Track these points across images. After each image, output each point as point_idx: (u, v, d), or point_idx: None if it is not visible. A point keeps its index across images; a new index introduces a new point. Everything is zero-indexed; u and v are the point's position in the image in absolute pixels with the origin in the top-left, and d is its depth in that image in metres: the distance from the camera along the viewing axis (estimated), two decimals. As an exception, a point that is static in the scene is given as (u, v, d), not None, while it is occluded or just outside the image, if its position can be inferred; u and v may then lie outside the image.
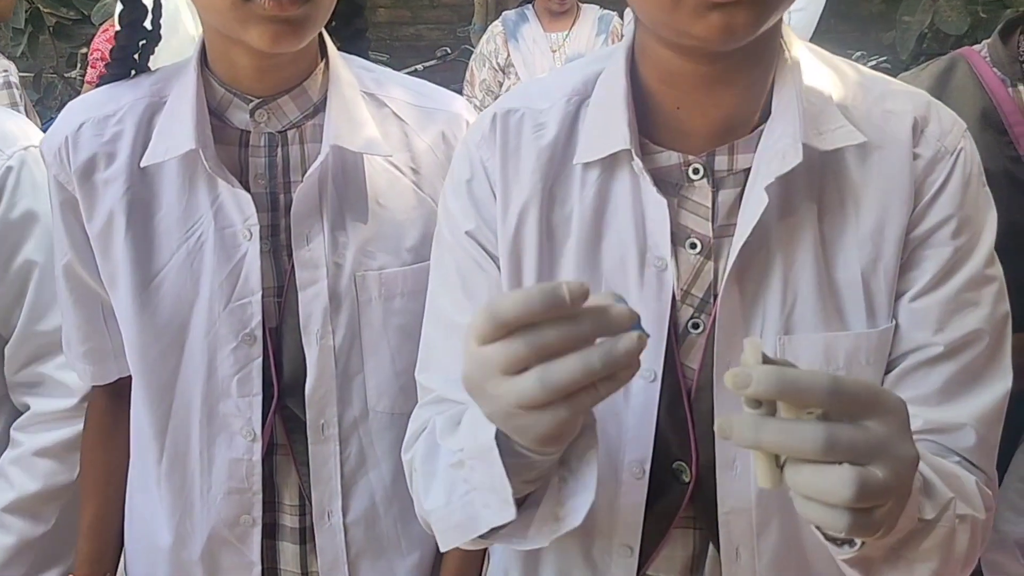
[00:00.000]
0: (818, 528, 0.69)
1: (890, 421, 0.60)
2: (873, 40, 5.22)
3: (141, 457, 1.08)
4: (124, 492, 1.14)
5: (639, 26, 0.81)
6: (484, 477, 0.72)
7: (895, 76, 1.01)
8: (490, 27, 3.46)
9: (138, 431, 1.08)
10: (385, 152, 1.01)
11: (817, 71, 0.82)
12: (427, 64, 4.71)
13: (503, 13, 3.49)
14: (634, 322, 0.61)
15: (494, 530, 0.74)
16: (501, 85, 3.37)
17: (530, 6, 3.37)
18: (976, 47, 1.12)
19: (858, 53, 4.31)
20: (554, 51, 3.32)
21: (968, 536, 0.75)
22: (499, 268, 0.85)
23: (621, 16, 3.47)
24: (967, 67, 1.10)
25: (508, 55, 3.34)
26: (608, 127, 0.81)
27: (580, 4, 3.33)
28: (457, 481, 0.77)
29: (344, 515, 1.04)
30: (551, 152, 0.84)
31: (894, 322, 0.81)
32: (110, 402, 1.14)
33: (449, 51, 4.98)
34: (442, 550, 0.80)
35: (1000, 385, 0.81)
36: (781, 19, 0.77)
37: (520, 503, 0.73)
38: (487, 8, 5.54)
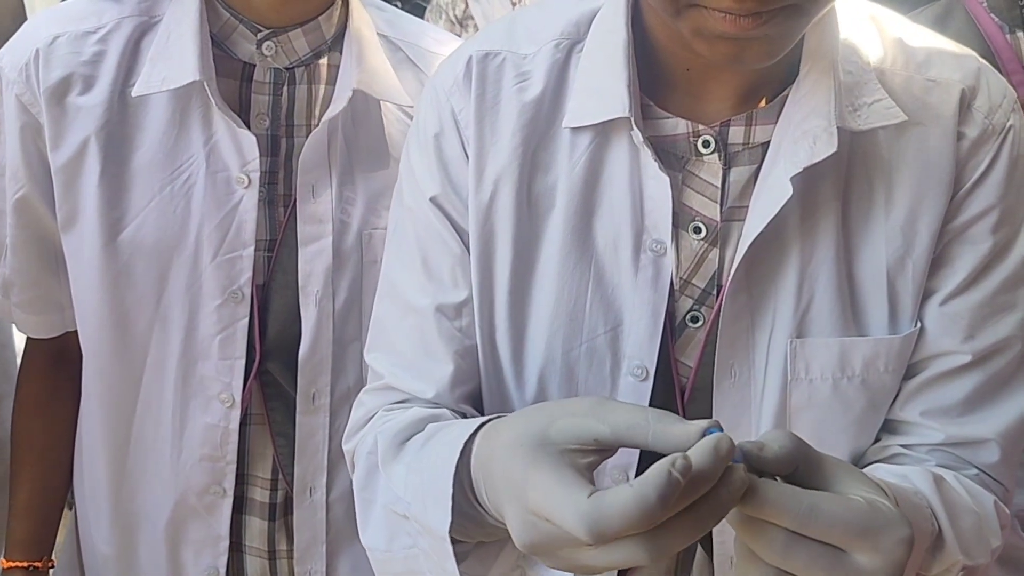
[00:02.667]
0: None
1: (873, 558, 0.54)
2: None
3: (94, 418, 0.99)
4: (65, 465, 1.05)
5: None
6: (431, 555, 0.65)
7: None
8: (448, -24, 3.36)
9: (92, 390, 0.98)
10: (405, 101, 0.93)
11: (854, 25, 0.73)
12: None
13: None
14: (736, 455, 0.53)
15: None
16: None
17: (492, -43, 3.28)
18: None
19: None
20: (514, 3, 3.25)
21: None
22: (466, 245, 0.76)
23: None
24: (964, 12, 1.08)
25: (466, 7, 3.26)
26: (603, 87, 0.71)
27: (545, -45, 3.27)
28: (399, 530, 0.70)
29: (328, 491, 0.97)
30: (535, 110, 0.74)
31: (919, 325, 0.75)
32: (51, 362, 1.03)
33: (399, 4, 4.86)
34: None
35: None
36: None
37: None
38: (438, -45, 5.41)
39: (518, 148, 0.73)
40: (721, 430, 0.52)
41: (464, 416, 0.76)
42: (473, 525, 0.64)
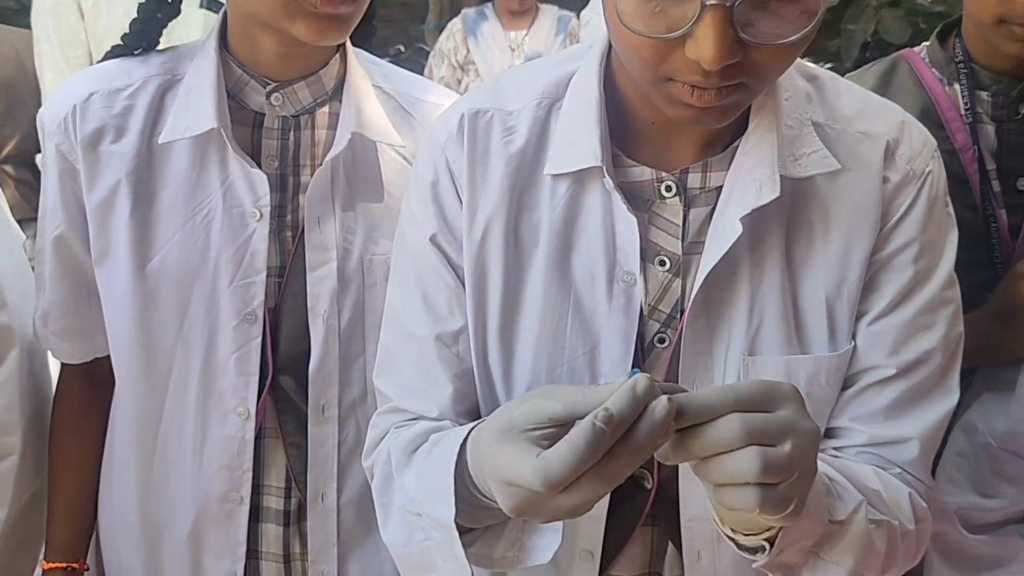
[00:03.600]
0: (733, 542, 0.73)
1: (788, 406, 0.64)
2: (819, 47, 5.39)
3: (123, 435, 1.08)
4: (96, 478, 1.13)
5: None
6: (442, 544, 0.74)
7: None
8: (449, 24, 3.50)
9: (121, 408, 1.08)
10: (397, 142, 1.03)
11: (797, 86, 0.83)
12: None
13: (463, 11, 3.54)
14: (654, 391, 0.62)
15: None
16: (460, 83, 3.41)
17: (490, 4, 3.42)
18: (916, 49, 1.20)
19: (805, 59, 4.46)
20: (513, 49, 3.38)
21: (885, 541, 0.78)
22: (461, 280, 0.84)
23: (579, 16, 3.52)
24: (908, 67, 1.17)
25: (467, 52, 3.38)
26: (579, 140, 0.80)
27: (539, 4, 3.40)
28: (415, 527, 0.79)
29: (338, 496, 1.05)
30: (520, 160, 0.83)
31: (853, 343, 0.83)
32: (83, 385, 1.13)
33: (403, 49, 5.00)
34: None
35: (946, 402, 0.84)
36: None
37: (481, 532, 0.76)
38: (441, 7, 5.57)
39: (505, 193, 0.83)
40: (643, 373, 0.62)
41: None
42: (477, 511, 0.73)
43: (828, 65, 4.43)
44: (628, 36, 0.69)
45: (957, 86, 1.13)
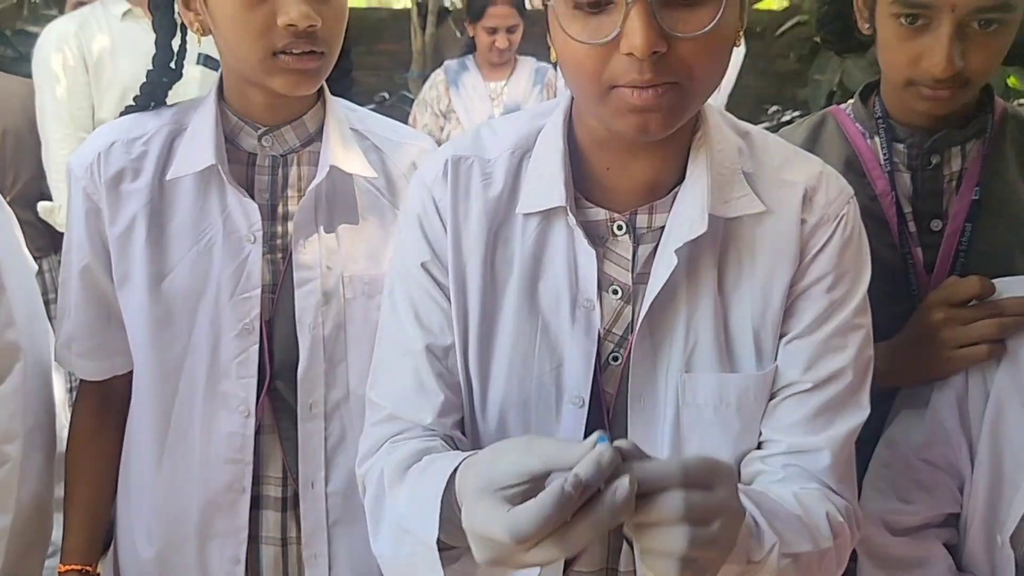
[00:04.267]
0: None
1: (724, 485, 0.71)
2: (788, 96, 5.59)
3: (141, 438, 1.21)
4: (112, 486, 1.25)
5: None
6: (428, 561, 0.80)
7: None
8: (432, 75, 3.62)
9: (139, 414, 1.21)
10: (370, 174, 1.19)
11: (729, 141, 0.94)
12: (366, 108, 4.84)
13: (445, 62, 3.66)
14: (616, 460, 0.67)
15: None
16: (442, 130, 3.53)
17: (471, 56, 3.54)
18: (842, 105, 1.32)
19: (774, 108, 4.62)
20: (493, 99, 3.50)
21: (800, 571, 0.84)
22: (448, 299, 0.95)
23: (556, 68, 3.66)
24: (834, 122, 1.29)
25: (449, 102, 3.50)
26: (547, 184, 0.92)
27: (518, 56, 3.52)
28: (402, 541, 0.85)
29: (327, 484, 1.18)
30: (497, 201, 0.95)
31: (776, 363, 0.93)
32: (99, 402, 1.26)
33: (387, 96, 5.14)
34: None
35: (857, 416, 0.93)
36: None
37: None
38: (425, 57, 5.74)
39: (484, 230, 0.95)
40: (608, 439, 0.67)
41: (454, 442, 0.95)
42: (461, 533, 0.76)
43: (797, 113, 4.59)
44: (574, 51, 0.82)
45: (877, 139, 1.23)
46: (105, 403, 1.26)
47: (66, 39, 2.47)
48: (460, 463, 0.80)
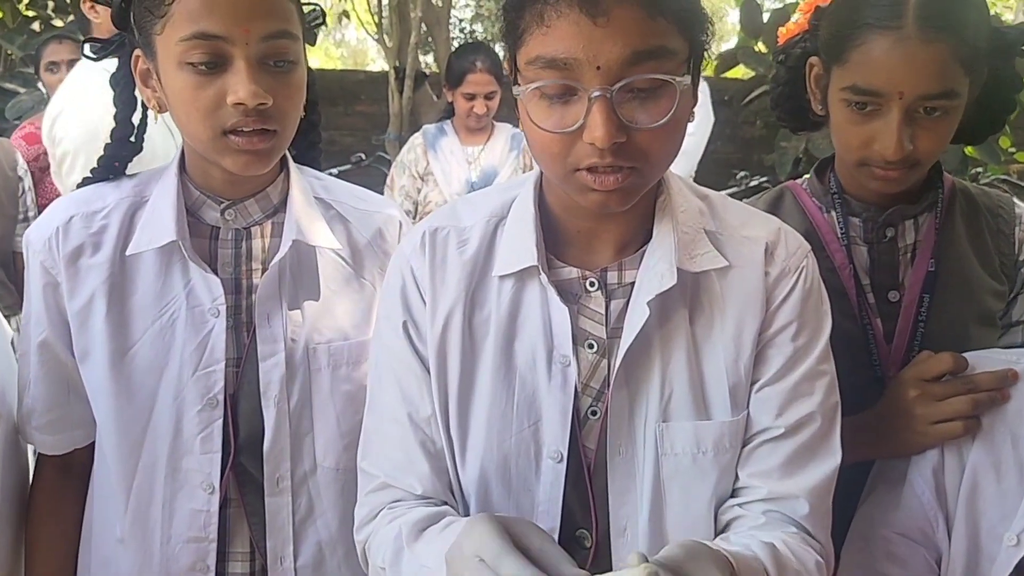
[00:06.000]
0: None
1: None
2: (755, 161, 5.71)
3: (103, 513, 1.19)
4: (72, 562, 1.22)
5: None
6: None
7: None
8: (411, 139, 3.66)
9: (102, 489, 1.18)
10: (335, 246, 1.19)
11: (690, 203, 1.00)
12: (342, 168, 4.89)
13: (423, 126, 3.70)
14: None
15: None
16: (419, 191, 3.56)
17: (449, 121, 3.59)
18: (799, 180, 1.36)
19: (741, 173, 4.72)
20: (470, 163, 3.53)
21: None
22: (427, 368, 0.98)
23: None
24: (792, 196, 1.33)
25: (427, 164, 3.53)
26: (520, 246, 0.97)
27: (495, 122, 3.58)
28: None
29: (295, 559, 1.17)
30: (473, 265, 0.99)
31: (748, 409, 0.97)
32: (59, 475, 1.23)
33: (364, 157, 5.19)
34: None
35: (830, 462, 0.96)
36: None
37: None
38: (402, 119, 5.81)
39: (461, 293, 0.98)
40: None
41: (451, 509, 0.97)
42: None
43: (764, 179, 4.69)
44: (541, 137, 0.89)
45: (834, 213, 1.27)
46: (65, 476, 1.23)
47: None
48: (471, 517, 0.83)
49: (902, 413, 1.15)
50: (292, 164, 1.22)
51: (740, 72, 6.46)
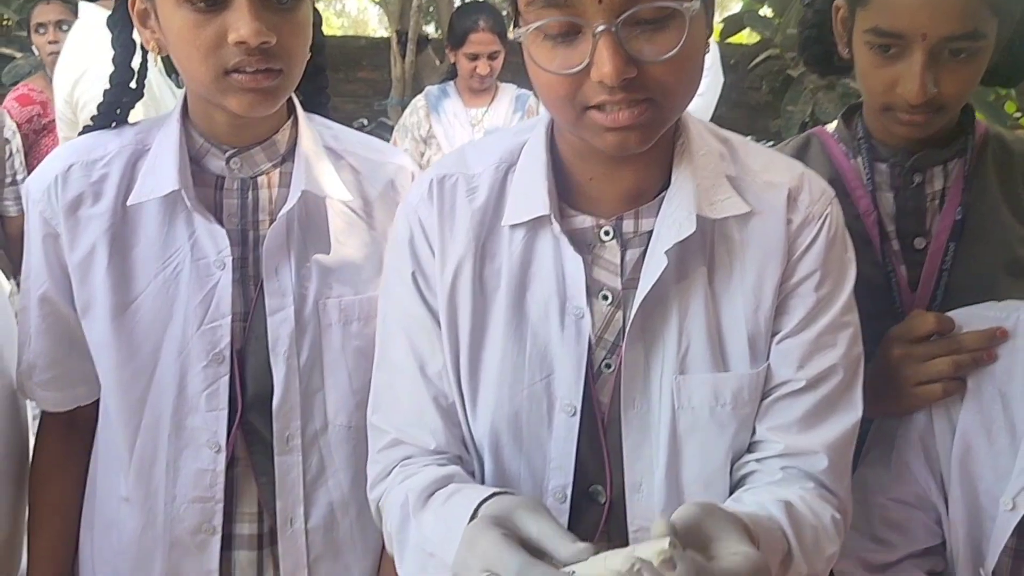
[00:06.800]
0: None
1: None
2: (761, 127, 5.65)
3: (107, 472, 1.16)
4: (76, 521, 1.20)
5: None
6: None
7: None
8: (413, 101, 3.60)
9: (106, 446, 1.16)
10: (346, 197, 1.15)
11: (711, 147, 0.96)
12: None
13: (426, 88, 3.64)
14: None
15: None
16: (423, 155, 3.51)
17: (452, 83, 3.53)
18: (827, 127, 1.33)
19: (748, 138, 4.65)
20: (473, 125, 3.48)
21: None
22: (438, 321, 0.96)
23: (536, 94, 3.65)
24: (819, 142, 1.30)
25: (430, 127, 3.48)
26: (531, 194, 0.93)
27: (498, 83, 3.52)
28: (427, 564, 0.87)
29: (306, 521, 1.14)
30: (482, 214, 0.96)
31: (768, 361, 0.94)
32: (64, 431, 1.20)
33: (366, 122, 5.14)
34: None
35: (851, 415, 0.94)
36: None
37: None
38: (404, 83, 5.74)
39: (471, 243, 0.95)
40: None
41: (463, 463, 0.96)
42: None
43: (770, 143, 4.63)
44: (547, 79, 0.85)
45: (860, 159, 1.24)
46: (69, 433, 1.21)
47: None
48: (490, 496, 0.81)
49: (887, 374, 1.13)
50: (300, 111, 1.17)
51: (745, 37, 6.37)
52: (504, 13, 3.41)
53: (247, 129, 1.11)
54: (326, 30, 1.19)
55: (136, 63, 1.16)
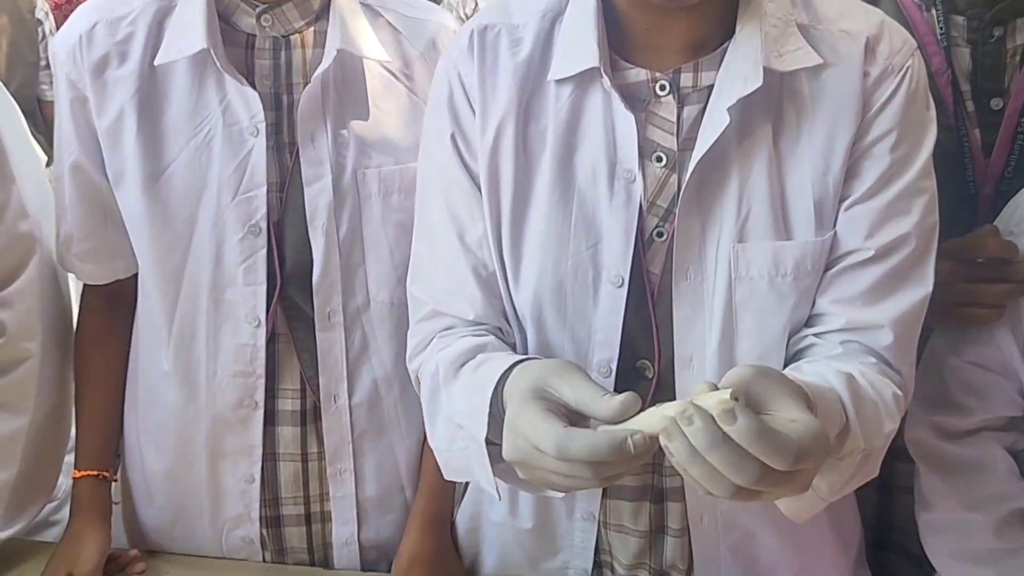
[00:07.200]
0: None
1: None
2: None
3: (148, 346, 1.14)
4: (121, 392, 1.19)
5: None
6: (478, 456, 0.80)
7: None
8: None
9: (147, 321, 1.14)
10: (384, 57, 1.08)
11: None
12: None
13: None
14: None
15: None
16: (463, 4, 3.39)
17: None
18: None
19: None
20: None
21: (865, 463, 0.84)
22: (478, 186, 0.91)
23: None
24: None
25: (476, 6, 3.34)
26: (580, 45, 0.87)
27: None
28: (456, 436, 0.85)
29: (350, 398, 1.12)
30: (527, 68, 0.89)
31: (835, 229, 0.89)
32: (104, 304, 1.18)
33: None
34: (446, 478, 0.92)
35: (921, 289, 0.88)
36: None
37: None
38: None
39: (514, 99, 0.89)
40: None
41: (504, 334, 0.93)
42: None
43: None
44: None
45: (934, 11, 1.15)
46: (112, 306, 1.18)
47: None
48: (514, 365, 0.79)
49: (937, 284, 1.06)
50: None
51: None
52: None
53: None
54: None
55: None
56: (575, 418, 0.71)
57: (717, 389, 0.67)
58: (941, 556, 1.08)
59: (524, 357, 0.82)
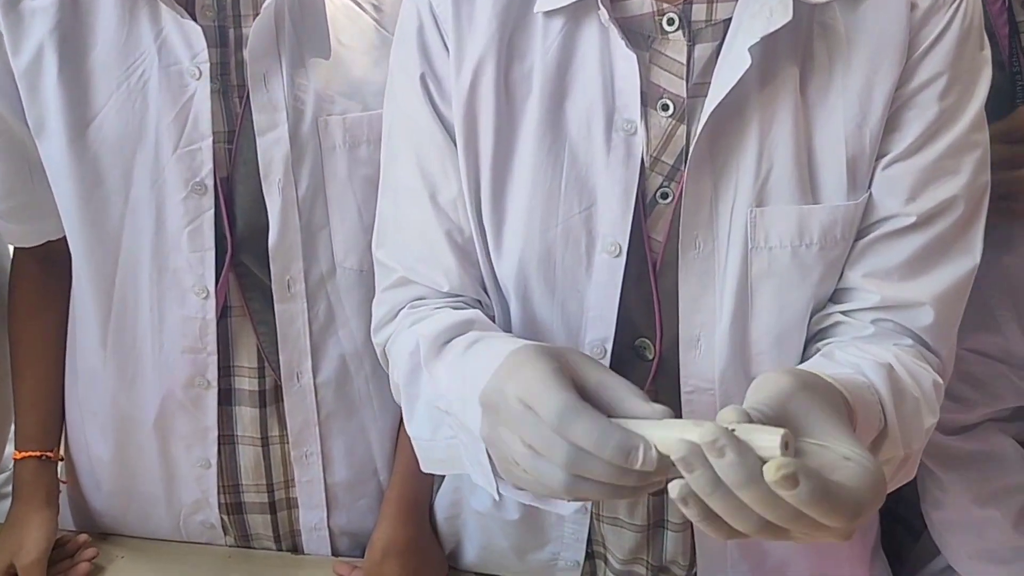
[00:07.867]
0: None
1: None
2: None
3: (84, 318, 1.04)
4: (61, 364, 1.10)
5: None
6: (470, 448, 0.70)
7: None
8: None
9: (80, 290, 1.03)
10: None
11: None
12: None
13: None
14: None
15: None
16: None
17: None
18: None
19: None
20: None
21: (902, 467, 0.74)
22: (452, 138, 0.81)
23: None
24: None
25: None
26: None
27: None
28: (441, 423, 0.75)
29: (315, 376, 1.02)
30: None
31: (869, 190, 0.78)
32: (39, 269, 1.08)
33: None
34: (424, 470, 0.81)
35: (967, 260, 0.79)
36: None
37: None
38: None
39: (494, 35, 0.78)
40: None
41: (484, 307, 0.84)
42: None
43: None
44: None
45: None
46: (46, 271, 1.08)
47: None
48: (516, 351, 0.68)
49: None
50: None
51: None
52: None
53: None
54: None
55: None
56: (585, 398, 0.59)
57: (747, 415, 0.54)
58: (960, 558, 1.04)
59: (533, 343, 0.71)
